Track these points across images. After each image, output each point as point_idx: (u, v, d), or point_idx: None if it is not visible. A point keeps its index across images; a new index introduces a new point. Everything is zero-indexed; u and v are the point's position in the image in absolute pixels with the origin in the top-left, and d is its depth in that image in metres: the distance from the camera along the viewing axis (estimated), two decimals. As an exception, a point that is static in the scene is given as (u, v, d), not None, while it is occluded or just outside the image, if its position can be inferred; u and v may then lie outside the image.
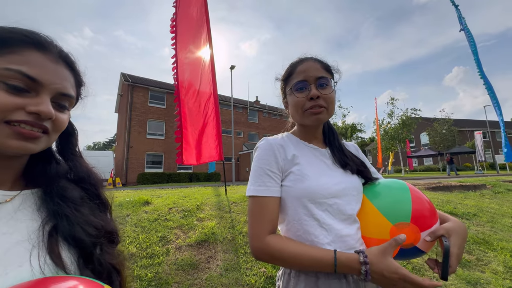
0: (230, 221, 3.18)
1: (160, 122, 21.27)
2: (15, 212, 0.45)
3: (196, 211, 3.46)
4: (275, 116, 29.77)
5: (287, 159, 0.81)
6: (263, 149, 0.82)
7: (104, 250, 0.51)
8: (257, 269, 2.31)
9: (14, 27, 0.45)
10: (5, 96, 0.40)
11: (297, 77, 0.83)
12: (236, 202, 3.87)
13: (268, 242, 0.70)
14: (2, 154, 0.44)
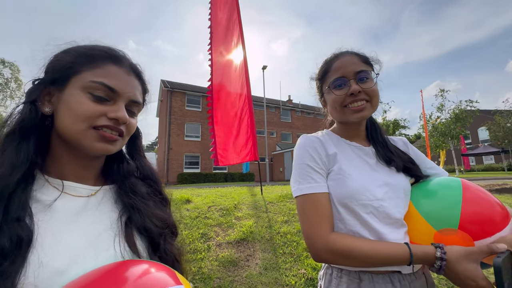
0: (267, 221, 3.19)
1: (196, 125, 22.36)
2: (99, 204, 0.52)
3: (233, 210, 3.55)
4: (308, 114, 29.12)
5: (329, 156, 0.78)
6: (305, 146, 0.80)
7: (167, 241, 0.56)
8: (296, 270, 2.28)
9: (95, 45, 0.52)
10: (92, 105, 0.47)
11: (334, 74, 0.80)
12: (273, 202, 3.87)
13: (334, 240, 0.66)
14: (87, 155, 0.51)
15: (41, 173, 0.48)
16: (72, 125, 0.47)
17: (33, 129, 0.47)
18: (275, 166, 23.54)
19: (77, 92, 0.47)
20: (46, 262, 0.39)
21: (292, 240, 2.74)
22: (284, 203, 3.82)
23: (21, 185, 0.43)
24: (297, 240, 2.74)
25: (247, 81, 4.42)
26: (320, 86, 0.88)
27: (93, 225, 0.48)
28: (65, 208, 0.46)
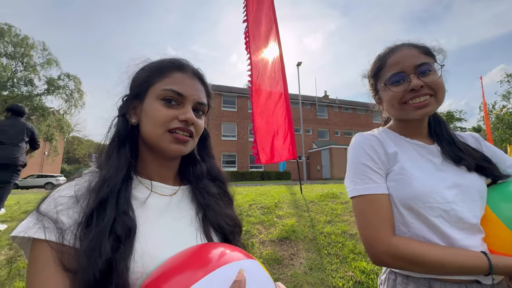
0: (309, 220, 3.15)
1: (232, 124, 22.99)
2: (179, 202, 0.58)
3: (274, 208, 3.58)
4: (346, 110, 27.73)
5: (388, 156, 0.74)
6: (361, 144, 0.76)
7: (236, 238, 0.60)
8: (343, 272, 2.21)
9: (163, 58, 0.60)
10: (166, 111, 0.54)
11: (391, 69, 0.74)
12: (314, 202, 3.80)
13: (398, 244, 0.63)
14: (166, 156, 0.58)
15: (135, 175, 0.56)
16: (152, 131, 0.54)
17: (126, 138, 0.55)
18: (312, 164, 22.98)
19: (153, 101, 0.54)
20: (147, 250, 0.46)
21: (336, 241, 2.66)
22: (325, 202, 3.72)
23: (124, 184, 0.50)
24: (342, 241, 2.65)
25: (283, 79, 4.40)
26: (374, 84, 0.83)
27: (177, 220, 0.55)
28: (155, 205, 0.53)
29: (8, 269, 2.25)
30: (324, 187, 5.44)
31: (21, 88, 19.79)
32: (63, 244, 0.41)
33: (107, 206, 0.45)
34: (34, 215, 0.43)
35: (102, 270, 0.39)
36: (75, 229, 0.42)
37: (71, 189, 0.47)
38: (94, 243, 0.41)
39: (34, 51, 20.88)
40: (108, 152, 0.53)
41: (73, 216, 0.44)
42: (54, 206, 0.44)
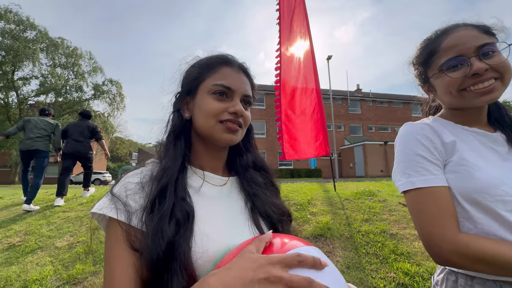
0: (345, 218, 3.05)
1: (261, 122, 23.08)
2: (229, 192, 0.61)
3: (307, 205, 3.53)
4: (381, 103, 26.08)
5: (445, 145, 0.68)
6: (413, 134, 0.70)
7: (285, 228, 0.61)
8: (384, 272, 2.10)
9: (211, 55, 0.63)
10: (217, 104, 0.57)
11: (446, 54, 0.67)
12: (349, 199, 3.66)
13: (468, 243, 0.56)
14: (217, 147, 0.61)
15: (189, 165, 0.60)
16: (205, 122, 0.57)
17: (181, 131, 0.59)
18: (344, 161, 22.11)
19: (205, 96, 0.57)
20: (206, 232, 0.49)
21: (375, 241, 2.54)
22: (362, 200, 3.56)
23: (181, 174, 0.54)
24: (382, 241, 2.51)
25: (315, 74, 4.29)
26: (423, 71, 0.76)
27: (229, 209, 0.57)
28: (208, 194, 0.57)
29: (71, 251, 2.55)
30: (359, 185, 5.20)
31: (73, 94, 22.18)
32: (130, 226, 0.46)
33: (167, 193, 0.49)
34: (109, 196, 0.49)
35: (164, 251, 0.43)
36: (140, 214, 0.47)
37: (138, 176, 0.53)
38: (157, 226, 0.45)
39: (82, 60, 23.21)
40: (166, 145, 0.58)
41: (139, 201, 0.49)
42: (124, 190, 0.49)
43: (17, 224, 3.30)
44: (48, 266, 2.36)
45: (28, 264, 2.40)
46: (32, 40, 20.62)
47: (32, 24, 20.67)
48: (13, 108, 20.72)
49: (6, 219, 3.51)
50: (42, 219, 3.44)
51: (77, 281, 2.15)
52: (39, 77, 21.47)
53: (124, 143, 45.55)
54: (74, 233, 2.98)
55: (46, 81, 21.42)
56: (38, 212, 3.74)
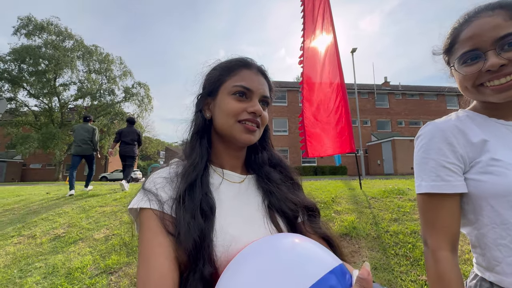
0: (371, 217, 2.93)
1: (283, 119, 22.90)
2: (247, 190, 0.63)
3: (331, 203, 3.45)
4: (412, 96, 24.47)
5: (472, 145, 0.62)
6: (430, 136, 0.66)
7: (306, 223, 0.61)
8: (415, 275, 1.99)
9: (231, 58, 0.66)
10: (236, 104, 0.59)
11: (462, 46, 0.62)
12: (376, 198, 3.51)
13: (447, 262, 0.59)
14: (237, 146, 0.63)
15: (210, 164, 0.62)
16: (225, 122, 0.59)
17: (204, 130, 0.63)
18: (371, 158, 21.17)
19: (225, 97, 0.60)
20: (226, 229, 0.51)
21: (405, 241, 2.41)
22: (390, 199, 3.40)
23: (205, 171, 0.58)
24: (413, 242, 2.38)
25: (339, 69, 4.15)
26: (448, 60, 0.71)
27: (246, 206, 0.59)
28: (227, 191, 0.59)
29: (107, 243, 2.77)
30: (387, 183, 4.96)
31: (106, 97, 23.82)
32: (163, 212, 0.50)
33: (195, 187, 0.53)
34: (141, 191, 0.53)
35: (200, 236, 0.47)
36: (171, 203, 0.51)
37: (165, 172, 0.57)
38: (190, 214, 0.49)
39: (113, 65, 24.80)
40: (191, 144, 0.62)
41: (168, 192, 0.53)
42: (154, 185, 0.54)
43: (62, 217, 3.65)
44: (88, 256, 2.58)
45: (71, 254, 2.65)
46: (70, 49, 22.48)
47: (70, 34, 22.52)
48: (56, 112, 22.77)
49: (52, 212, 3.89)
50: (82, 213, 3.76)
51: (112, 270, 2.32)
52: (77, 82, 23.39)
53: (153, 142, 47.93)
54: (109, 227, 3.22)
55: (83, 86, 23.25)
56: (78, 207, 4.09)
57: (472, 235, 0.64)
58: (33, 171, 27.39)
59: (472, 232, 0.64)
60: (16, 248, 2.85)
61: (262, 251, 0.44)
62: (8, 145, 20.33)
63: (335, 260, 0.44)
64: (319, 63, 4.46)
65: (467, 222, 0.65)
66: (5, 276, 2.34)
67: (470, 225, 0.64)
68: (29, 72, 20.65)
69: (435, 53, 0.75)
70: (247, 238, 0.52)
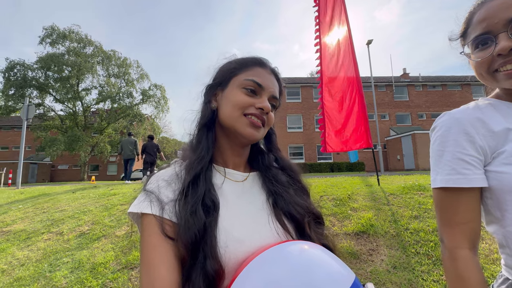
0: (390, 215, 2.83)
1: (297, 116, 22.64)
2: (251, 188, 0.62)
3: (348, 200, 3.37)
4: (434, 87, 23.27)
5: (493, 134, 0.57)
6: (446, 127, 0.62)
7: (312, 229, 0.59)
8: (438, 275, 1.90)
9: (247, 56, 0.65)
10: (245, 97, 0.58)
11: (474, 30, 0.58)
12: (395, 194, 3.38)
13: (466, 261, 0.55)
14: (241, 142, 0.62)
15: (212, 163, 0.61)
16: (230, 112, 0.58)
17: (211, 122, 0.62)
18: (390, 153, 20.44)
19: (235, 89, 0.60)
20: (228, 230, 0.50)
21: (427, 240, 2.30)
22: (410, 195, 3.26)
23: (209, 166, 0.57)
24: (435, 240, 2.27)
25: (354, 62, 4.02)
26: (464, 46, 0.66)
27: (250, 204, 0.58)
28: (229, 190, 0.58)
29: (128, 240, 2.89)
30: (407, 178, 4.77)
31: (125, 100, 24.70)
32: (163, 217, 0.49)
33: (200, 180, 0.53)
34: (143, 194, 0.53)
35: (200, 230, 0.46)
36: (171, 205, 0.51)
37: (166, 173, 0.57)
38: (192, 208, 0.49)
39: (131, 69, 25.68)
40: (198, 137, 0.62)
41: (169, 195, 0.52)
42: (157, 186, 0.54)
43: (86, 215, 3.85)
44: (110, 252, 2.70)
45: (95, 250, 2.79)
46: (91, 55, 23.54)
47: (90, 40, 23.56)
48: (79, 116, 24.00)
49: (78, 210, 4.11)
50: (104, 211, 3.95)
51: (133, 266, 2.42)
52: (98, 87, 24.47)
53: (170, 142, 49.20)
54: (130, 224, 3.35)
55: (103, 90, 24.30)
56: (101, 205, 4.30)
57: (499, 234, 0.59)
58: (61, 171, 29.14)
59: (498, 230, 0.59)
60: (46, 244, 3.05)
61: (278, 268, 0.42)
62: (38, 148, 21.71)
63: (350, 274, 0.44)
64: (335, 57, 4.34)
65: (492, 219, 0.60)
66: (37, 270, 2.51)
67: (496, 223, 0.59)
68: (54, 78, 21.89)
69: (451, 38, 0.71)
70: (251, 239, 0.51)
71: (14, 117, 27.87)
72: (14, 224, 3.78)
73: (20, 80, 20.63)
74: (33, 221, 3.83)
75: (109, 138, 24.66)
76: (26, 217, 4.04)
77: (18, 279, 2.41)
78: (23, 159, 8.63)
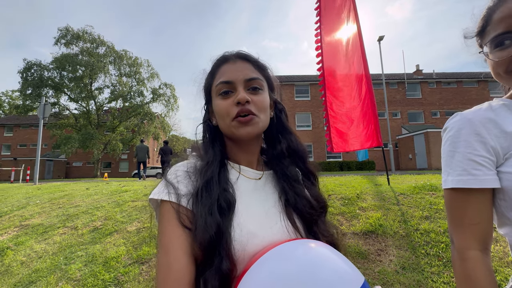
0: (400, 215, 2.78)
1: (306, 114, 22.45)
2: (264, 186, 0.63)
3: (356, 200, 3.33)
4: (449, 84, 22.51)
5: (506, 135, 0.57)
6: (458, 128, 0.61)
7: (319, 225, 0.60)
8: (448, 277, 1.86)
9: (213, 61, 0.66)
10: (222, 102, 0.59)
11: (495, 28, 0.57)
12: (405, 194, 3.32)
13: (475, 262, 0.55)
14: (244, 141, 0.62)
15: (227, 160, 0.63)
16: (223, 124, 0.60)
17: (215, 135, 0.64)
18: (401, 152, 19.98)
19: (215, 99, 0.61)
20: (243, 223, 0.52)
21: (438, 241, 2.26)
22: (421, 195, 3.19)
23: (222, 168, 0.59)
24: (446, 242, 2.22)
25: (364, 59, 3.95)
26: (481, 44, 0.65)
27: (263, 201, 0.59)
28: (244, 186, 0.60)
29: (139, 235, 2.97)
30: (418, 178, 4.67)
31: (136, 99, 25.21)
32: (180, 205, 0.52)
33: (212, 185, 0.54)
34: (163, 182, 0.56)
35: (216, 232, 0.48)
36: (189, 197, 0.53)
37: (185, 166, 0.60)
38: (207, 210, 0.50)
39: (142, 68, 26.12)
40: (204, 148, 0.64)
41: (187, 186, 0.55)
42: (175, 177, 0.56)
43: (99, 211, 3.97)
44: (122, 246, 2.79)
45: (107, 244, 2.89)
46: (103, 55, 24.12)
47: (102, 41, 24.13)
48: (93, 114, 24.69)
49: (91, 206, 4.26)
50: (116, 207, 4.07)
51: (144, 260, 2.49)
52: (110, 86, 25.07)
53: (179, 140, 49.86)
54: (140, 220, 3.44)
55: (115, 89, 24.86)
56: (113, 201, 4.43)
57: (511, 235, 0.59)
58: (75, 168, 30.10)
59: (511, 232, 0.58)
60: (61, 238, 3.18)
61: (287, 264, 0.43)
62: (54, 146, 22.46)
63: (359, 275, 0.44)
64: (343, 54, 4.28)
65: (506, 221, 0.59)
66: (53, 263, 2.63)
67: (509, 224, 0.58)
68: (69, 78, 22.56)
69: (467, 36, 0.69)
70: (264, 233, 0.52)
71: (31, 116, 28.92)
72: (32, 219, 3.95)
73: (37, 80, 21.39)
74: (49, 216, 3.99)
75: (121, 136, 25.22)
76: (43, 212, 4.22)
77: (36, 270, 2.53)
78: (40, 156, 8.99)
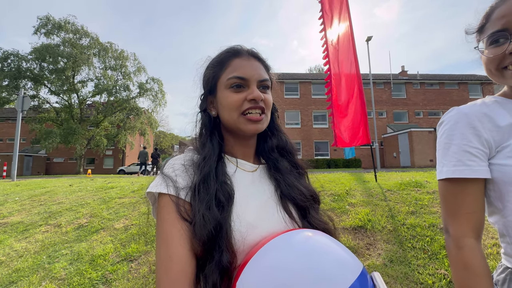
0: (387, 210, 2.87)
1: (295, 112, 22.63)
2: (260, 178, 0.63)
3: (346, 196, 3.41)
4: (431, 86, 23.38)
5: (499, 129, 0.60)
6: (454, 121, 0.64)
7: (313, 213, 0.61)
8: (433, 269, 1.94)
9: (221, 51, 0.64)
10: (235, 95, 0.58)
11: (492, 26, 0.59)
12: (392, 190, 3.43)
13: (471, 249, 0.57)
14: (245, 136, 0.63)
15: (224, 154, 0.63)
16: (229, 117, 0.59)
17: (212, 127, 0.63)
18: (386, 150, 20.61)
19: (224, 91, 0.60)
20: (242, 215, 0.52)
21: (423, 235, 2.35)
22: (407, 192, 3.31)
23: (219, 162, 0.58)
24: (431, 236, 2.32)
25: (355, 59, 4.02)
26: (479, 40, 0.67)
27: (260, 194, 0.60)
28: (241, 179, 0.60)
29: (127, 233, 2.89)
30: (404, 175, 4.83)
31: (122, 93, 24.39)
32: (179, 198, 0.51)
33: (210, 180, 0.54)
34: (160, 176, 0.55)
35: (215, 227, 0.48)
36: (187, 190, 0.53)
37: (181, 160, 0.59)
38: (205, 206, 0.50)
39: (128, 61, 25.29)
40: (201, 141, 0.63)
41: (185, 179, 0.54)
42: (173, 170, 0.55)
43: (84, 208, 3.84)
44: (109, 244, 2.71)
45: (94, 242, 2.79)
46: (87, 47, 23.11)
47: (86, 32, 23.12)
48: (75, 108, 23.69)
49: (75, 203, 4.10)
50: (102, 204, 3.94)
51: (133, 258, 2.43)
52: (94, 79, 24.10)
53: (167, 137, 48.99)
54: (128, 217, 3.36)
55: (100, 82, 23.94)
56: (99, 198, 4.29)
57: (500, 224, 0.62)
58: (56, 164, 28.89)
59: (499, 220, 0.62)
60: (44, 236, 3.04)
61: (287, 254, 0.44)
62: (33, 141, 21.41)
63: (358, 263, 0.45)
64: (336, 53, 4.33)
65: (494, 210, 0.62)
66: (36, 262, 2.51)
67: (498, 213, 0.62)
68: (50, 70, 21.49)
69: (468, 32, 0.72)
70: (263, 224, 0.53)
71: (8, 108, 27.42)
72: (11, 216, 3.76)
73: (14, 71, 20.21)
74: (30, 213, 3.81)
75: (105, 131, 24.41)
76: (23, 209, 4.02)
77: (16, 270, 2.41)
78: (18, 151, 8.54)
